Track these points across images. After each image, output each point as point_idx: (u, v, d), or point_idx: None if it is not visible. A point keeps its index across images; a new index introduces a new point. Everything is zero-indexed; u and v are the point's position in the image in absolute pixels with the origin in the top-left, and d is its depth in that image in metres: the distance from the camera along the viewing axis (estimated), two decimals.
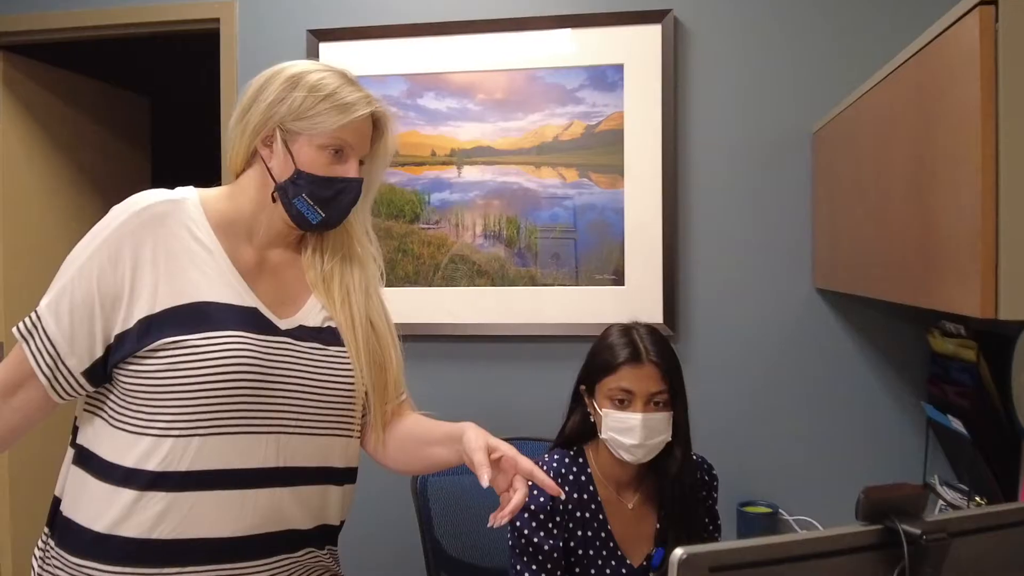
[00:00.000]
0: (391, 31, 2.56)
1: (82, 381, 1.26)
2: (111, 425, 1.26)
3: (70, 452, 1.32)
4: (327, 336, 1.37)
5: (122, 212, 1.28)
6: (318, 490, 1.36)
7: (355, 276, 1.43)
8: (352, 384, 1.37)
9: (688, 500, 1.79)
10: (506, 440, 1.28)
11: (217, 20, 2.67)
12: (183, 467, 1.23)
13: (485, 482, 1.18)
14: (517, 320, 2.51)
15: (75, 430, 1.33)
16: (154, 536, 1.22)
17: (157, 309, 1.25)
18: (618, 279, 2.46)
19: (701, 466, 1.87)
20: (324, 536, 1.39)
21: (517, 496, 1.22)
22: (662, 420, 1.72)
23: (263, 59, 1.97)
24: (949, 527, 0.92)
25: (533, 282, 2.50)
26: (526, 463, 1.24)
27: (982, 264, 1.20)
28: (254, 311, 1.31)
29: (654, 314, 2.43)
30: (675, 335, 2.44)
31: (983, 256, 1.20)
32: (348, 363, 1.37)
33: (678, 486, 1.76)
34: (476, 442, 1.23)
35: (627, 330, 1.79)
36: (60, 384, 1.25)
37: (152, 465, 1.22)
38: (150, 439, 1.23)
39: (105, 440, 1.27)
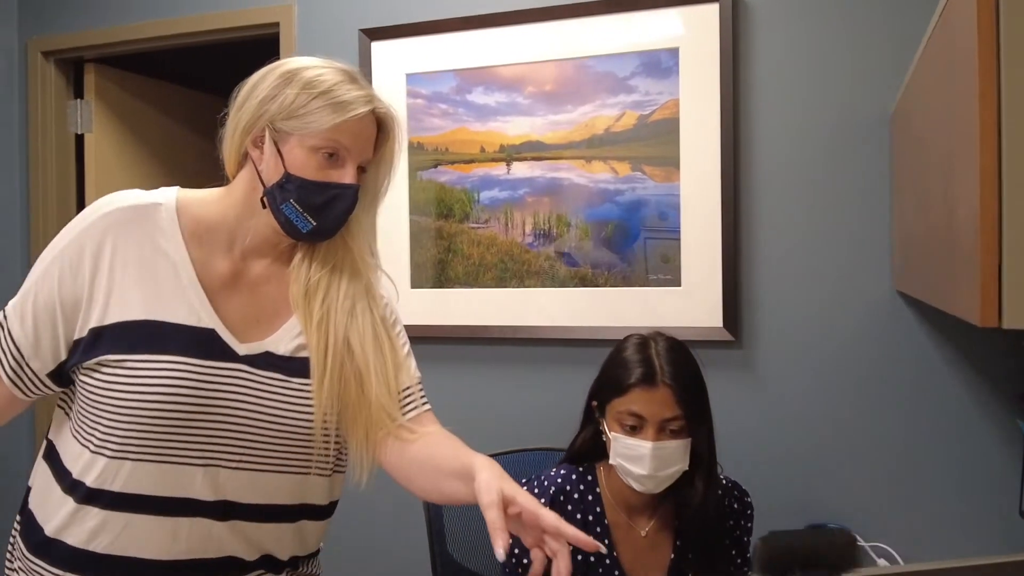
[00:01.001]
0: (440, 26, 2.49)
1: (48, 382, 1.25)
2: (71, 429, 1.26)
3: (44, 443, 1.33)
4: (294, 366, 1.26)
5: (89, 215, 1.25)
6: (264, 527, 1.27)
7: (341, 291, 1.29)
8: (311, 420, 1.25)
9: (711, 530, 1.62)
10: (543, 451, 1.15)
11: (277, 24, 2.69)
12: (115, 487, 1.20)
13: (501, 554, 0.99)
14: (567, 323, 2.38)
15: (51, 423, 1.33)
16: (90, 548, 1.22)
17: (106, 321, 1.21)
18: (674, 279, 2.29)
19: (731, 492, 1.68)
20: (276, 565, 1.32)
21: (561, 565, 1.02)
22: (677, 449, 1.55)
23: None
24: None
25: (583, 283, 2.37)
26: (550, 518, 1.04)
27: (982, 268, 0.99)
28: (209, 333, 1.22)
29: (713, 318, 2.25)
30: (736, 341, 2.24)
31: (983, 259, 0.99)
32: (310, 396, 1.24)
33: (699, 516, 1.59)
34: (488, 494, 1.04)
35: (644, 344, 1.63)
36: (25, 385, 1.25)
37: (89, 480, 1.21)
38: (89, 454, 1.22)
39: (66, 442, 1.27)
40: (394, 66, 2.54)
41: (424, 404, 1.34)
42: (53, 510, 1.25)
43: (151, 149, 3.29)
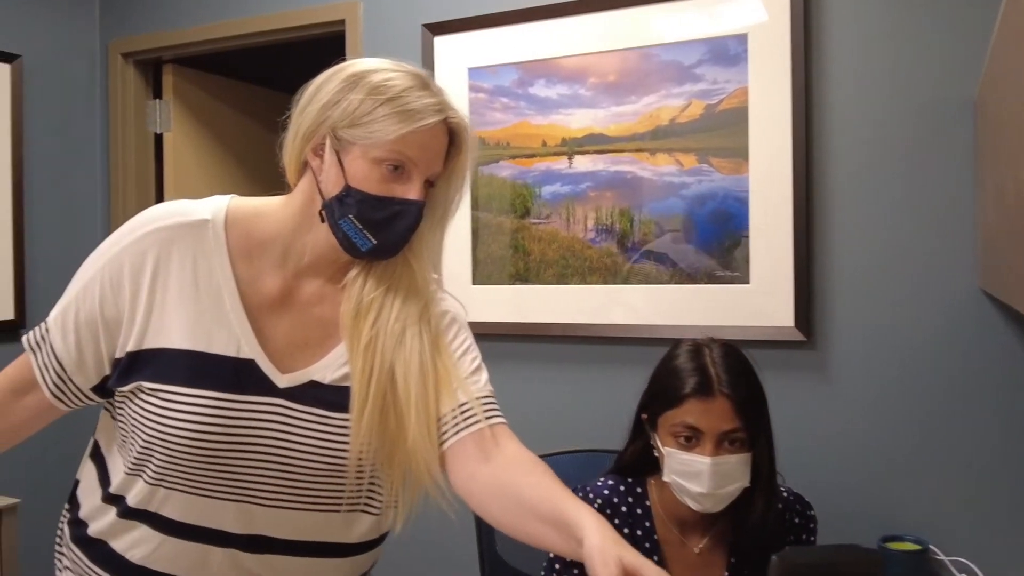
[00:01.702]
0: (502, 19, 2.45)
1: (92, 395, 1.22)
2: (116, 440, 1.25)
3: (91, 441, 1.33)
4: (337, 399, 1.17)
5: (130, 231, 1.19)
6: (299, 561, 1.22)
7: (393, 314, 1.18)
8: (348, 456, 1.16)
9: (768, 548, 1.51)
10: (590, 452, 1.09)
11: (343, 22, 2.70)
12: (152, 508, 1.18)
13: None
14: (628, 321, 2.31)
15: (99, 419, 1.33)
16: (128, 557, 1.22)
17: (144, 346, 1.16)
18: (742, 276, 2.19)
19: (792, 506, 1.57)
20: None
21: None
22: (737, 464, 1.45)
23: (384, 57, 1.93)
24: None
25: (647, 280, 2.29)
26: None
27: None
28: (248, 364, 1.16)
29: (783, 317, 2.14)
30: (809, 341, 2.13)
31: None
32: (349, 433, 1.16)
33: (756, 534, 1.49)
34: (606, 568, 0.93)
35: (697, 351, 1.53)
36: (68, 398, 1.22)
37: (128, 498, 1.20)
38: (126, 474, 1.20)
39: (112, 451, 1.26)
40: (456, 61, 2.51)
41: (491, 419, 1.19)
42: (96, 513, 1.25)
43: (228, 148, 3.36)
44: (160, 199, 3.17)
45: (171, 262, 1.17)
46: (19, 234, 2.90)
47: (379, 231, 1.14)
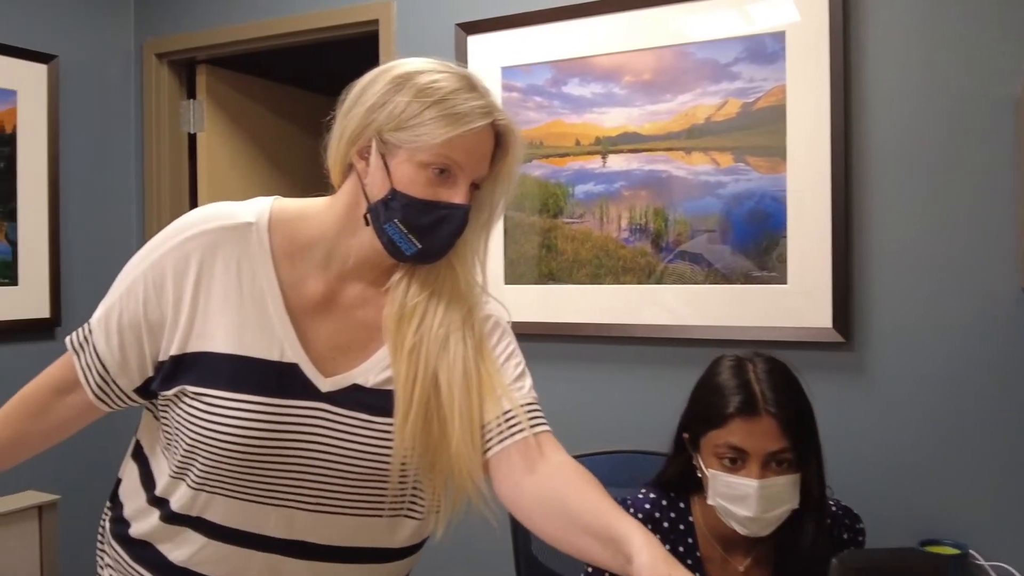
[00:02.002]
0: (536, 17, 2.43)
1: (135, 397, 1.22)
2: (160, 442, 1.24)
3: (133, 441, 1.33)
4: (380, 403, 1.16)
5: (174, 234, 1.18)
6: (341, 567, 1.22)
7: (437, 319, 1.17)
8: (391, 461, 1.15)
9: (815, 567, 1.47)
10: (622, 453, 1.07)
11: (376, 21, 2.70)
12: (195, 513, 1.18)
13: None
14: (663, 321, 2.28)
15: (141, 419, 1.33)
16: (170, 558, 1.21)
17: (187, 350, 1.15)
18: (779, 277, 2.16)
19: (841, 521, 1.52)
20: None
21: None
22: (786, 486, 1.39)
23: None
24: None
25: (682, 280, 2.27)
26: None
27: None
28: (291, 368, 1.15)
29: (822, 318, 2.11)
30: (847, 342, 2.09)
31: None
32: (392, 437, 1.15)
33: (805, 557, 1.43)
34: None
35: (740, 367, 1.46)
36: (111, 400, 1.22)
37: (172, 502, 1.20)
38: (170, 477, 1.20)
39: (155, 453, 1.26)
40: (490, 60, 2.50)
41: (535, 427, 1.18)
42: (139, 514, 1.25)
43: (260, 148, 3.37)
44: (193, 199, 3.19)
45: (215, 266, 1.16)
46: (55, 233, 2.92)
47: (424, 235, 1.13)
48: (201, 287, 1.16)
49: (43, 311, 2.89)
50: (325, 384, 1.17)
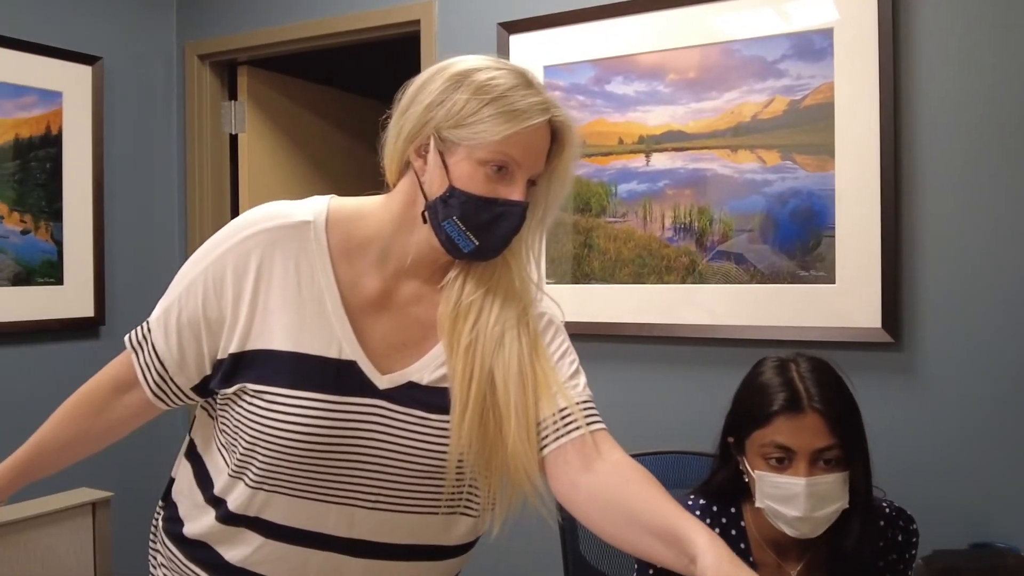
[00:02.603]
0: (578, 16, 2.42)
1: (192, 395, 1.23)
2: (215, 440, 1.25)
3: (186, 439, 1.33)
4: (435, 400, 1.17)
5: (234, 233, 1.19)
6: (399, 564, 1.21)
7: (492, 317, 1.17)
8: (447, 458, 1.16)
9: (868, 570, 1.44)
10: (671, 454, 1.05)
11: (418, 22, 2.70)
12: (252, 512, 1.18)
13: None
14: (708, 322, 2.26)
15: (193, 418, 1.33)
16: (226, 558, 1.21)
17: (247, 348, 1.16)
18: (827, 276, 2.13)
19: (895, 522, 1.50)
20: None
21: None
22: (834, 484, 1.37)
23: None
24: None
25: (727, 280, 2.24)
26: None
27: None
28: (350, 366, 1.15)
29: (871, 318, 2.08)
30: (897, 343, 2.06)
31: None
32: (448, 434, 1.15)
33: (855, 556, 1.41)
34: None
35: (783, 366, 1.45)
36: (168, 398, 1.23)
37: (229, 502, 1.20)
38: (228, 477, 1.20)
39: (211, 451, 1.26)
40: (532, 59, 2.49)
41: (591, 425, 1.18)
42: (194, 514, 1.25)
43: (300, 148, 3.39)
44: (234, 199, 3.21)
45: (274, 264, 1.17)
46: (99, 232, 2.96)
47: (482, 232, 1.13)
48: (261, 285, 1.16)
49: (87, 310, 2.93)
50: (382, 381, 1.17)
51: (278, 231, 1.17)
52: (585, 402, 1.20)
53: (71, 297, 2.89)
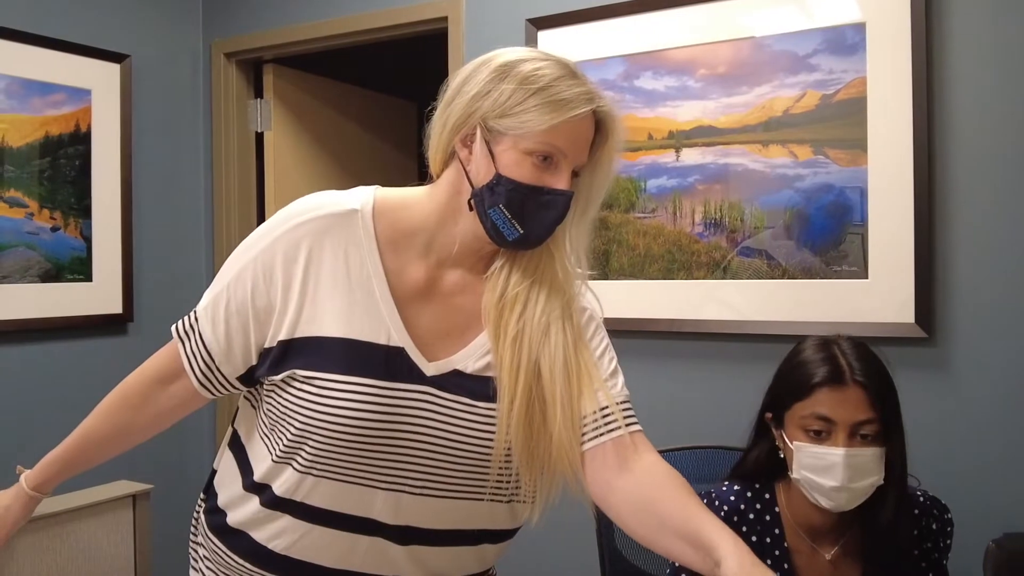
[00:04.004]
0: (609, 11, 2.42)
1: (237, 384, 1.24)
2: (258, 429, 1.25)
3: (229, 431, 1.34)
4: (481, 388, 1.18)
5: (284, 221, 1.20)
6: (443, 551, 1.22)
7: (539, 308, 1.18)
8: (493, 446, 1.16)
9: (904, 554, 1.45)
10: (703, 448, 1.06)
11: (446, 19, 2.71)
12: (299, 498, 1.19)
13: None
14: (738, 317, 2.26)
15: (237, 410, 1.34)
16: (269, 546, 1.22)
17: (296, 335, 1.17)
18: (860, 271, 2.12)
19: (929, 511, 1.50)
20: None
21: None
22: (872, 458, 1.39)
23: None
24: None
25: (758, 275, 2.24)
26: None
27: None
28: (399, 352, 1.16)
29: (904, 313, 2.07)
30: (930, 338, 2.05)
31: None
32: (495, 421, 1.16)
33: (889, 537, 1.42)
34: None
35: (826, 344, 1.48)
36: (214, 387, 1.24)
37: (275, 487, 1.20)
38: (273, 462, 1.20)
39: (253, 439, 1.26)
40: (561, 55, 2.48)
41: (630, 426, 1.19)
42: (236, 503, 1.25)
43: (326, 146, 3.40)
44: (260, 196, 3.22)
45: (324, 252, 1.18)
46: (127, 229, 2.97)
47: (527, 221, 1.14)
48: (311, 273, 1.17)
49: (116, 307, 2.94)
50: (429, 369, 1.17)
51: (328, 219, 1.18)
52: (624, 402, 1.22)
53: (100, 294, 2.90)
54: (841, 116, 2.14)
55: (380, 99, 3.52)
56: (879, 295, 2.10)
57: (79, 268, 2.85)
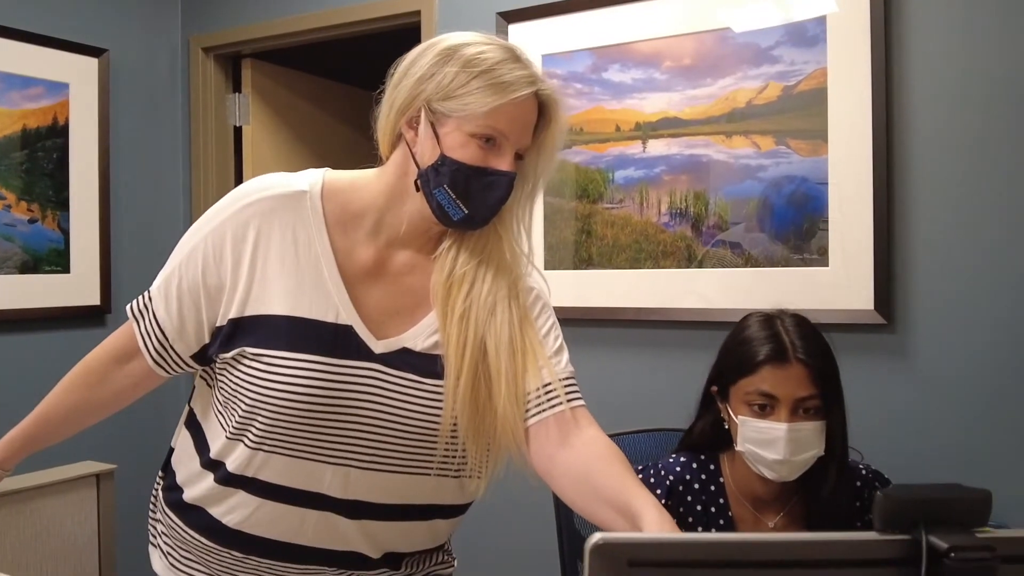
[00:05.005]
0: (576, 4, 2.45)
1: (191, 363, 1.26)
2: (213, 407, 1.28)
3: (186, 409, 1.37)
4: (428, 366, 1.21)
5: (233, 202, 1.22)
6: (393, 525, 1.25)
7: (485, 287, 1.21)
8: (440, 421, 1.20)
9: (846, 524, 1.49)
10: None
11: (418, 12, 2.74)
12: (250, 473, 1.22)
13: None
14: (704, 305, 2.29)
15: (193, 388, 1.37)
16: (224, 521, 1.25)
17: (246, 313, 1.19)
18: (820, 259, 2.16)
19: (871, 483, 1.54)
20: (398, 559, 1.30)
21: None
22: (813, 431, 1.44)
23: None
24: (1004, 547, 0.66)
25: (722, 264, 2.27)
26: None
27: None
28: (347, 330, 1.19)
29: (863, 300, 2.10)
30: (889, 324, 2.09)
31: None
32: (442, 397, 1.19)
33: (831, 508, 1.47)
34: None
35: (769, 320, 1.52)
36: (168, 365, 1.26)
37: (228, 463, 1.23)
38: (226, 439, 1.23)
39: (208, 418, 1.29)
40: (530, 48, 2.52)
41: (572, 401, 1.22)
42: (192, 479, 1.28)
43: (303, 140, 3.44)
44: None
45: (272, 231, 1.20)
46: (105, 222, 3.00)
47: (471, 201, 1.17)
48: (259, 252, 1.20)
49: (94, 298, 2.97)
50: (378, 346, 1.20)
51: (276, 200, 1.21)
52: (567, 378, 1.24)
53: (78, 285, 2.93)
54: (802, 107, 2.17)
55: (357, 93, 3.55)
56: (839, 283, 2.13)
57: (56, 260, 2.88)
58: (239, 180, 3.26)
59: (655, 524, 1.02)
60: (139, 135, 3.14)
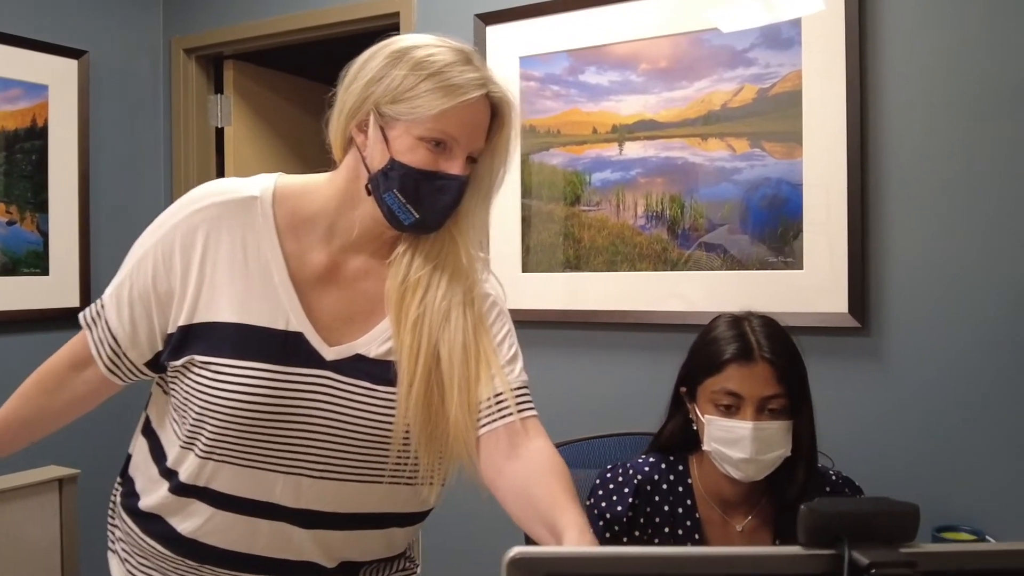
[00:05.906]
0: (553, 7, 2.45)
1: (145, 370, 1.25)
2: (168, 414, 1.27)
3: (143, 416, 1.36)
4: (382, 372, 1.19)
5: (182, 208, 1.21)
6: (348, 535, 1.24)
7: (439, 292, 1.19)
8: (393, 428, 1.18)
9: None
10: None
11: (397, 14, 2.74)
12: (202, 483, 1.20)
13: None
14: (679, 308, 2.29)
15: (149, 395, 1.35)
16: (179, 530, 1.24)
17: (195, 320, 1.18)
18: (795, 262, 2.15)
19: (841, 489, 1.54)
20: (355, 568, 1.28)
21: None
22: (778, 431, 1.43)
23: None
24: (926, 562, 0.66)
25: (698, 267, 2.27)
26: None
27: None
28: (297, 337, 1.17)
29: (837, 303, 2.10)
30: (863, 328, 2.08)
31: None
32: (395, 405, 1.18)
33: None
34: None
35: (737, 321, 1.52)
36: (123, 373, 1.25)
37: (181, 473, 1.22)
38: (180, 448, 1.22)
39: (164, 426, 1.28)
40: (508, 50, 2.52)
41: (523, 412, 1.19)
42: (149, 487, 1.27)
43: (285, 141, 3.43)
44: None
45: (221, 238, 1.18)
46: (84, 224, 2.99)
47: (421, 205, 1.15)
48: (208, 259, 1.18)
49: (72, 300, 2.96)
50: (329, 353, 1.19)
51: (224, 206, 1.19)
52: (519, 388, 1.22)
53: (56, 287, 2.93)
54: (777, 109, 2.17)
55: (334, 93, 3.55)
56: (814, 285, 2.13)
57: (35, 262, 2.87)
58: None
59: (574, 543, 0.99)
60: (120, 137, 3.13)
